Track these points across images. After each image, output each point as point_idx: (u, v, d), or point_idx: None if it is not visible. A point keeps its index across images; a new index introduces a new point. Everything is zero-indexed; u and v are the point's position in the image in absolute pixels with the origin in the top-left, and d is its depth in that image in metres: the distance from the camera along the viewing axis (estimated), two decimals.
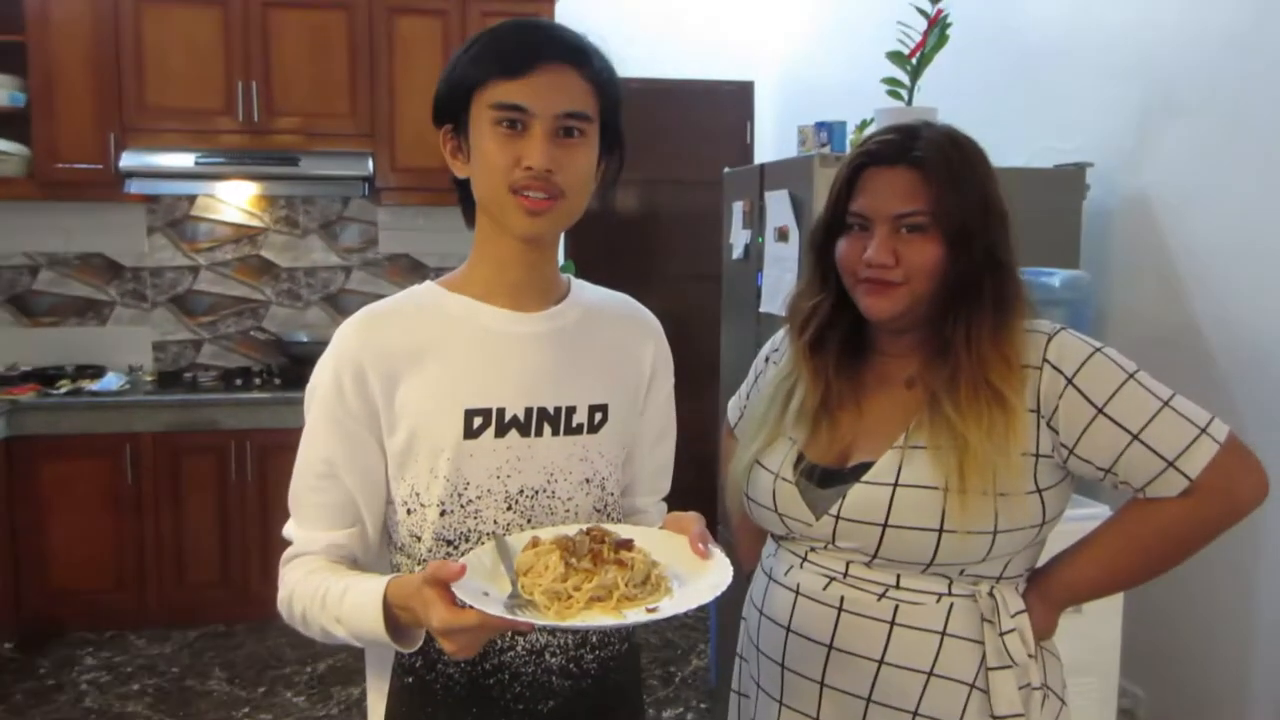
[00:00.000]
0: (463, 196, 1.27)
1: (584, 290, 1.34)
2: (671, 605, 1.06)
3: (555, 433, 1.24)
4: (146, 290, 4.59)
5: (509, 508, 1.23)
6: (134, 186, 4.13)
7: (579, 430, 1.26)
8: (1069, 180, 3.00)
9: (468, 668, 1.23)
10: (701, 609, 1.21)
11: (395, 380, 1.20)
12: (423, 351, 1.21)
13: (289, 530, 1.25)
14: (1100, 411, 1.23)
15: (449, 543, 1.22)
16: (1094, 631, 2.35)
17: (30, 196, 4.19)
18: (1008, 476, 1.23)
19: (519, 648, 1.23)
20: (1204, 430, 1.22)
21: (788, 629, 1.35)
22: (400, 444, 1.21)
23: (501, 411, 1.21)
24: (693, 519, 1.18)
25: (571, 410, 1.26)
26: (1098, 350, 1.26)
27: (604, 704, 1.30)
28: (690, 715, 3.50)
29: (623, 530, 1.16)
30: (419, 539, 1.24)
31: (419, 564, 1.22)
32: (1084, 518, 1.37)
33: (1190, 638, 2.73)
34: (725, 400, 1.71)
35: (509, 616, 1.00)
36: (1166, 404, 1.23)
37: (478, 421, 1.20)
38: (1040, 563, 1.37)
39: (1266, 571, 2.50)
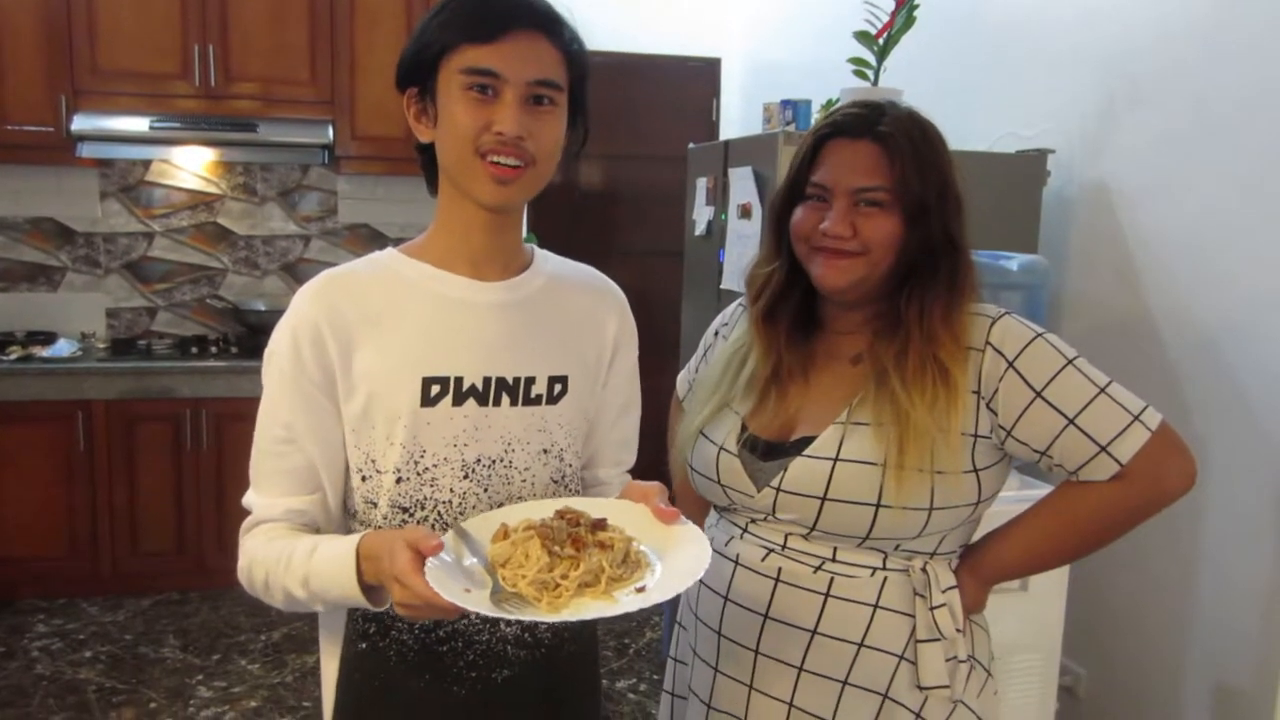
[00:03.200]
0: (426, 162, 1.25)
1: (548, 261, 1.34)
2: (661, 587, 1.04)
3: (514, 403, 1.24)
4: (100, 256, 4.51)
5: (465, 476, 1.22)
6: (86, 150, 4.05)
7: (537, 401, 1.26)
8: (1030, 166, 3.03)
9: (421, 634, 1.24)
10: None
11: (352, 346, 1.19)
12: (380, 317, 1.20)
13: (248, 499, 1.24)
14: (1039, 395, 1.26)
15: (404, 510, 1.22)
16: (1037, 610, 2.40)
17: None
18: (946, 454, 1.26)
19: (473, 615, 1.19)
20: (1137, 418, 1.25)
21: (725, 598, 1.38)
22: (356, 410, 1.20)
23: (459, 380, 1.21)
24: (654, 488, 1.19)
25: (530, 380, 1.25)
26: (1039, 335, 1.29)
27: (559, 673, 1.32)
28: (644, 686, 3.54)
29: (589, 507, 1.15)
30: (374, 505, 1.23)
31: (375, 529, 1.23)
32: (1032, 500, 1.40)
33: (1130, 618, 2.80)
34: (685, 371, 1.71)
35: (497, 612, 0.99)
36: (1103, 390, 1.27)
37: (435, 390, 1.20)
38: (974, 540, 1.41)
39: (1204, 553, 2.57)
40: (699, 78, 5.19)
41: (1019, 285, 2.57)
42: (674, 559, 1.10)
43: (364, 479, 1.23)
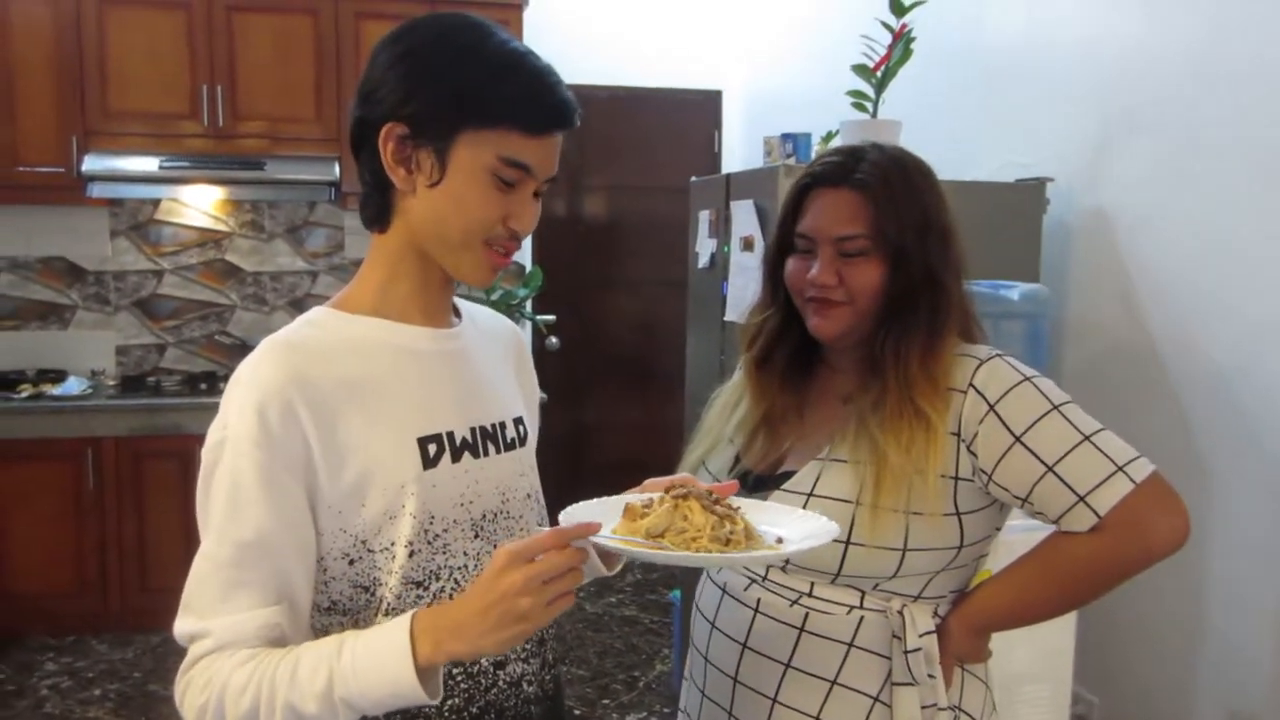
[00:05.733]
0: (378, 199, 1.12)
1: (459, 303, 1.28)
2: (799, 544, 1.08)
3: (498, 450, 1.19)
4: (109, 294, 4.55)
5: (476, 535, 1.15)
6: (96, 190, 4.10)
7: (513, 445, 1.22)
8: (1030, 195, 3.05)
9: (456, 713, 1.15)
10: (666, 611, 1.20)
11: (334, 416, 1.06)
12: (357, 382, 1.08)
13: (192, 626, 1.03)
14: (1018, 440, 1.24)
15: (418, 584, 1.11)
16: (1046, 637, 2.38)
17: None
18: (923, 496, 1.25)
19: (501, 683, 1.17)
20: (1121, 468, 1.22)
21: (712, 624, 1.39)
22: (346, 487, 1.06)
23: (451, 435, 1.14)
24: (687, 476, 1.18)
25: (503, 425, 1.21)
26: (1026, 379, 1.27)
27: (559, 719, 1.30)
28: (653, 719, 3.53)
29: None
30: (368, 589, 1.10)
31: (383, 614, 1.10)
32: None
33: (1142, 642, 2.79)
34: (689, 408, 1.73)
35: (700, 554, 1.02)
36: (1088, 439, 1.23)
37: (433, 449, 1.11)
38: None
39: (1216, 577, 2.56)
40: (700, 110, 5.24)
41: (1021, 314, 2.59)
42: (784, 525, 1.13)
43: (351, 563, 1.09)
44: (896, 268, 1.30)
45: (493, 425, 1.19)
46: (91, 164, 4.04)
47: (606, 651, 4.04)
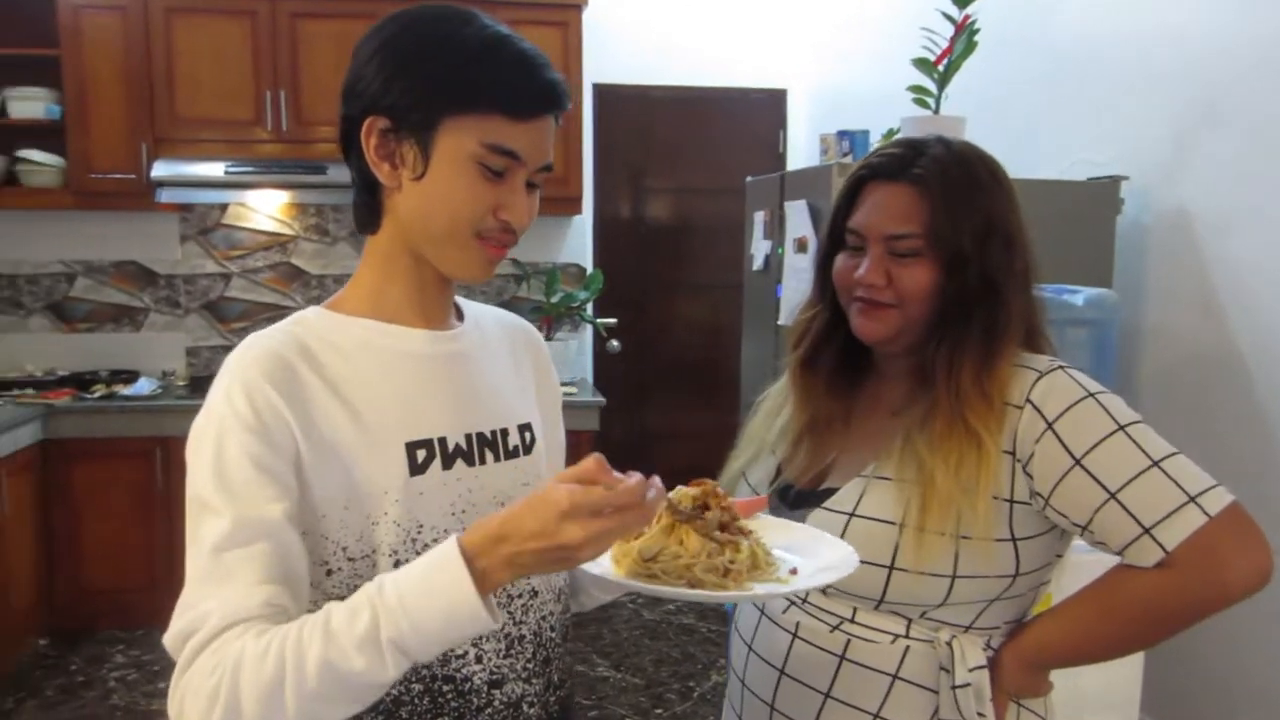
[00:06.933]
0: (366, 199, 1.09)
1: (465, 304, 1.23)
2: (815, 576, 1.02)
3: (497, 458, 1.13)
4: (180, 297, 4.65)
5: None
6: (165, 196, 4.19)
7: (516, 453, 1.15)
8: (1103, 194, 2.91)
9: None
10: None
11: (313, 420, 1.02)
12: (341, 382, 1.05)
13: (183, 621, 0.93)
14: (1077, 462, 1.14)
15: None
16: (1114, 665, 2.24)
17: (66, 206, 4.26)
18: (973, 519, 1.16)
19: (497, 703, 1.11)
20: (1193, 499, 1.10)
21: (750, 647, 1.32)
22: (328, 490, 1.02)
23: (444, 441, 1.08)
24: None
25: (505, 433, 1.15)
26: (1090, 395, 1.16)
27: None
28: None
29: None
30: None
31: None
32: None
33: (1215, 673, 2.62)
34: (744, 413, 1.66)
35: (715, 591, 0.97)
36: (1157, 464, 1.12)
37: (421, 455, 1.06)
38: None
39: None
40: (765, 109, 5.14)
41: (1086, 321, 2.45)
42: (806, 552, 1.07)
43: (329, 573, 1.04)
44: (952, 272, 1.21)
45: (492, 432, 1.13)
46: (160, 170, 4.12)
47: (663, 660, 3.98)
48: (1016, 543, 1.18)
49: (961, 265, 1.20)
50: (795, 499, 1.29)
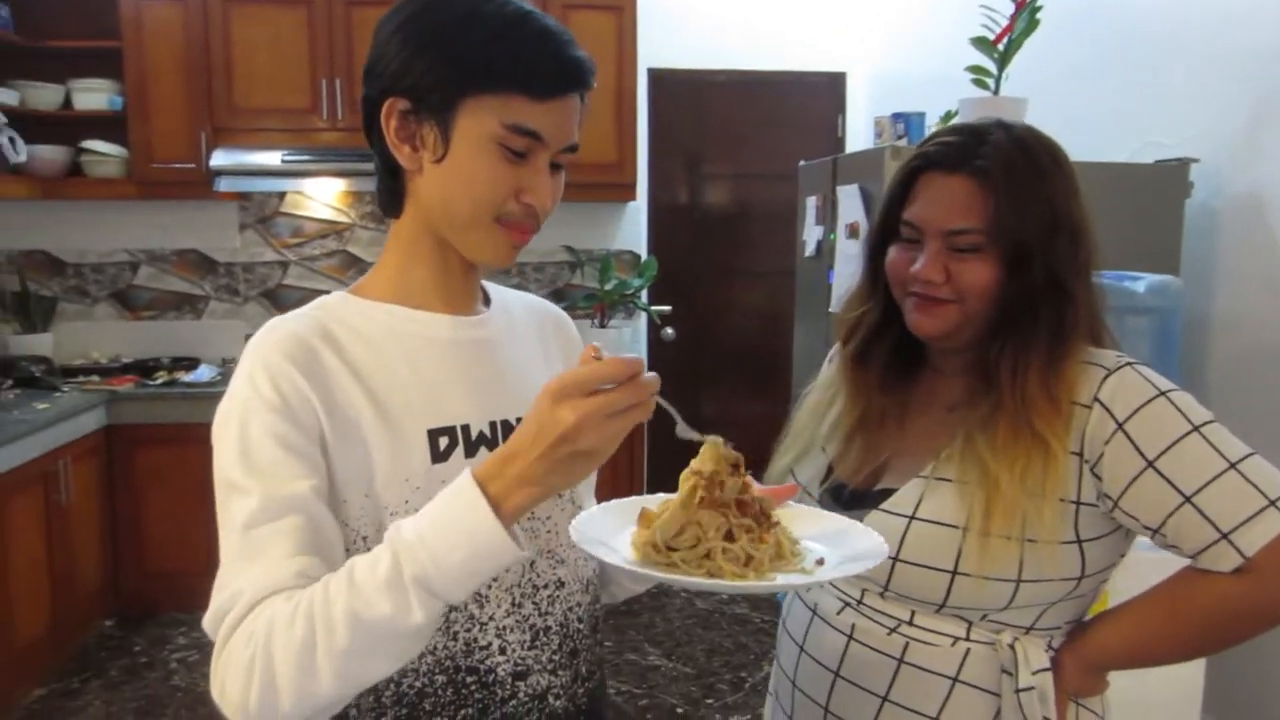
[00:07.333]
0: (389, 183, 1.07)
1: (493, 289, 1.21)
2: (843, 566, 0.96)
3: None
4: (239, 285, 4.72)
5: None
6: (224, 184, 4.24)
7: None
8: (1171, 177, 2.80)
9: None
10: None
11: (336, 401, 1.00)
12: (363, 367, 1.04)
13: (223, 597, 0.92)
14: (1150, 465, 1.09)
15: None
16: (1176, 665, 2.18)
17: (129, 196, 4.35)
18: (1039, 522, 1.11)
19: (521, 695, 1.09)
20: (1273, 502, 1.06)
21: (801, 648, 1.29)
22: (350, 475, 1.01)
23: (466, 429, 1.06)
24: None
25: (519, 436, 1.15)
26: (1162, 394, 1.12)
27: None
28: None
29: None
30: None
31: None
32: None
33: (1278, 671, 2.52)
34: (795, 402, 1.62)
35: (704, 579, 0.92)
36: (1234, 466, 1.08)
37: (444, 442, 1.04)
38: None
39: None
40: (824, 93, 5.05)
41: (1147, 309, 2.36)
42: (833, 541, 1.02)
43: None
44: (1015, 269, 1.16)
45: (517, 419, 1.10)
46: (219, 159, 4.18)
47: (715, 649, 3.95)
48: (1082, 544, 1.14)
49: (1025, 261, 1.15)
50: (850, 499, 1.25)
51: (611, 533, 1.01)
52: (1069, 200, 1.17)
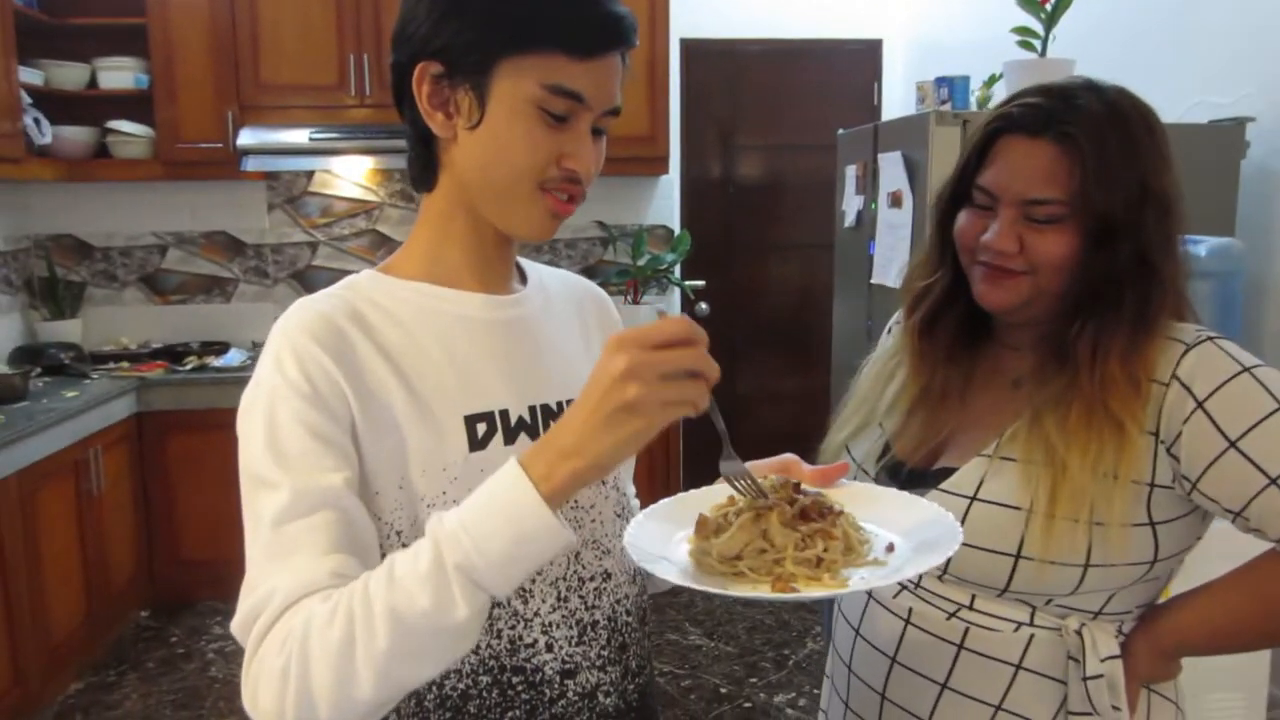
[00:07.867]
0: (421, 152, 1.02)
1: (529, 266, 1.16)
2: (915, 561, 0.91)
3: None
4: (268, 267, 4.68)
5: None
6: (251, 164, 4.20)
7: None
8: (1226, 137, 2.71)
9: None
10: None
11: (368, 386, 0.95)
12: (395, 350, 0.98)
13: (250, 602, 0.86)
14: (1232, 445, 1.03)
15: None
16: None
17: (156, 177, 4.29)
18: (1108, 505, 1.05)
19: (570, 694, 1.04)
20: None
21: (856, 631, 1.24)
22: (383, 465, 0.96)
23: (505, 414, 1.01)
24: (791, 458, 1.04)
25: (570, 404, 1.09)
26: (1245, 370, 1.05)
27: None
28: (803, 700, 3.37)
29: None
30: None
31: None
32: None
33: None
34: (836, 376, 1.55)
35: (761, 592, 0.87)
36: None
37: (482, 429, 0.99)
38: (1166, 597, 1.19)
39: None
40: (860, 61, 4.95)
41: (1209, 273, 2.28)
42: (899, 524, 0.97)
43: (381, 559, 0.95)
44: (1098, 243, 1.08)
45: (558, 404, 1.05)
46: (246, 138, 4.12)
47: (756, 627, 3.91)
48: (1155, 527, 1.08)
49: (1110, 236, 1.08)
50: (908, 478, 1.19)
51: (662, 541, 0.97)
52: (1160, 170, 1.10)
